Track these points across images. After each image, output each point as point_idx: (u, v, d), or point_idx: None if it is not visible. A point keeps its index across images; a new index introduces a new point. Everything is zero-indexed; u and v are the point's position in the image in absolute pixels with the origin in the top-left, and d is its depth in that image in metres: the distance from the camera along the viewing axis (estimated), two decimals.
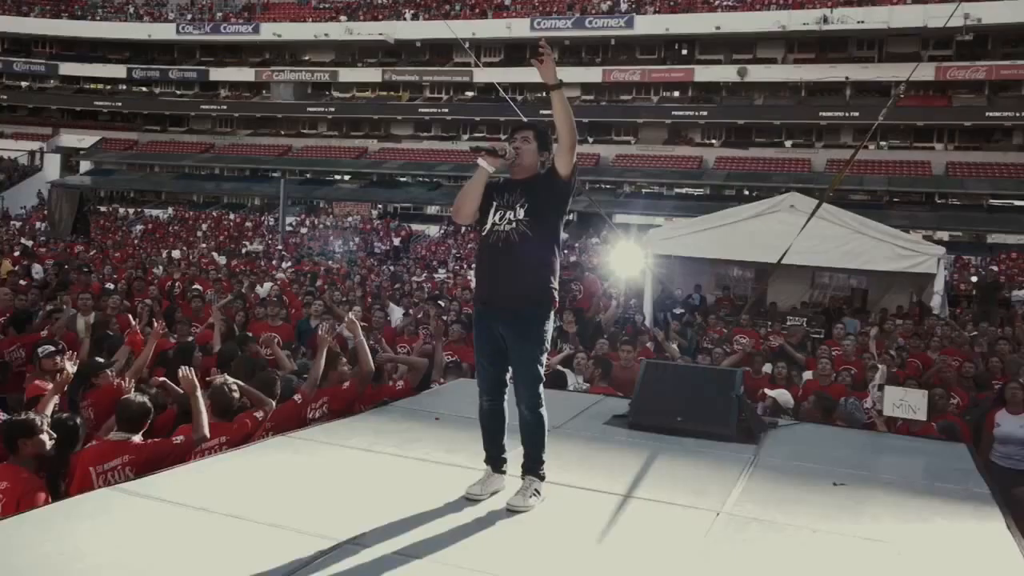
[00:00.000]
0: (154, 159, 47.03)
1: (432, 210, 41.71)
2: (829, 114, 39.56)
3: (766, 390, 6.88)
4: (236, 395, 5.07)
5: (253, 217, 40.31)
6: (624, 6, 42.56)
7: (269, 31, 46.04)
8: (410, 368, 6.76)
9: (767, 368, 8.66)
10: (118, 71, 48.07)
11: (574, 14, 42.91)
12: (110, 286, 12.25)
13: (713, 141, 42.44)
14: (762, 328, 12.25)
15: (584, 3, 43.80)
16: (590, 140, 43.58)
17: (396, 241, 35.46)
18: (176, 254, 23.49)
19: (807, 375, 8.51)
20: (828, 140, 40.37)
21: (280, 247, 29.58)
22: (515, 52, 43.73)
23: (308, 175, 45.29)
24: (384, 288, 14.41)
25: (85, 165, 46.60)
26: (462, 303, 12.37)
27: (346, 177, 45.54)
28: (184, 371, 4.85)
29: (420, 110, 44.85)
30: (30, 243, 22.43)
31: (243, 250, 29.03)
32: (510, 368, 3.85)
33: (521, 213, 3.68)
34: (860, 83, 39.10)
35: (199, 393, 4.79)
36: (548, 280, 3.73)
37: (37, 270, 14.77)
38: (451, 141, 44.82)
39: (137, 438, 4.52)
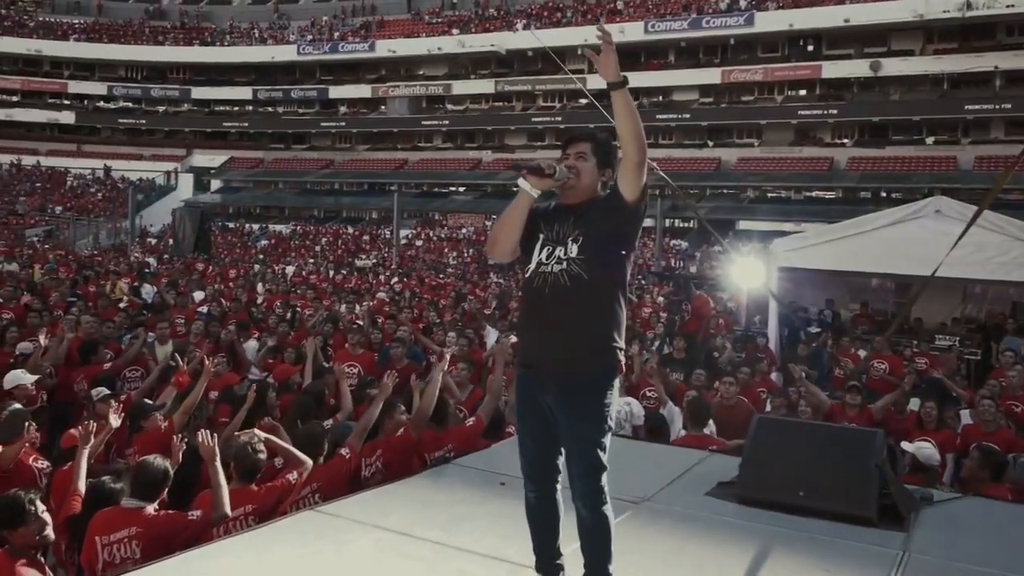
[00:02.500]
0: (278, 176, 48.35)
1: None
2: (976, 107, 36.25)
3: (904, 444, 5.56)
4: (263, 456, 4.36)
5: (370, 230, 40.69)
6: (743, 3, 40.58)
7: (384, 48, 46.57)
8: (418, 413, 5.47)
9: (913, 403, 7.28)
10: (244, 93, 49.67)
11: (690, 14, 41.26)
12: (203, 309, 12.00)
13: (845, 141, 39.83)
14: (907, 348, 10.72)
15: (700, 3, 42.10)
16: (710, 144, 41.90)
17: None
18: (290, 270, 23.60)
19: (965, 415, 7.08)
20: (976, 136, 37.05)
21: (396, 260, 29.45)
22: (629, 57, 42.57)
23: (423, 188, 45.47)
24: (482, 308, 13.58)
25: (215, 183, 48.41)
26: None
27: (461, 189, 45.46)
28: (203, 436, 4.13)
29: (533, 119, 44.29)
30: (154, 262, 22.95)
31: (357, 263, 29.04)
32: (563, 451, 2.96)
33: (574, 249, 2.89)
34: (1011, 72, 35.70)
35: (218, 463, 4.06)
36: (610, 336, 2.91)
37: (148, 291, 14.82)
38: None
39: (151, 508, 3.90)
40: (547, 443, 3.00)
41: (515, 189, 2.96)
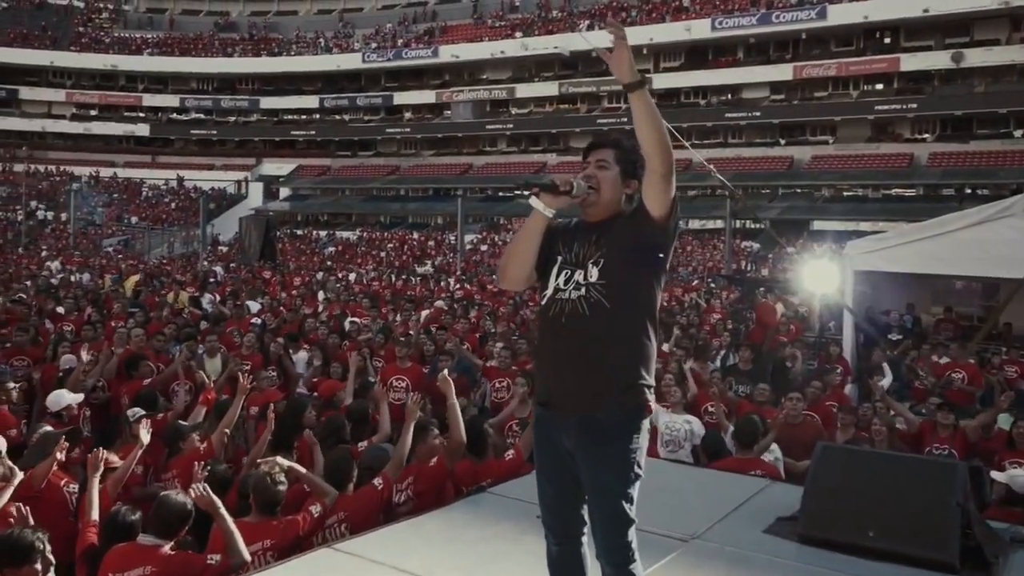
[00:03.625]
0: (345, 183, 48.85)
1: None
2: None
3: (994, 473, 4.91)
4: (283, 487, 4.09)
5: (435, 236, 40.72)
6: None
7: (448, 53, 46.62)
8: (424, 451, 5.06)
9: (1002, 420, 6.60)
10: (311, 102, 50.31)
11: (759, 10, 40.08)
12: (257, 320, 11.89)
13: (925, 136, 38.16)
14: (995, 356, 9.92)
15: None
16: (782, 142, 40.67)
17: None
18: (352, 277, 23.61)
19: None
20: None
21: (460, 265, 29.28)
22: (696, 55, 41.79)
23: (488, 192, 45.36)
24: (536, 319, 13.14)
25: (284, 191, 49.17)
26: None
27: (525, 193, 44.95)
28: (197, 489, 3.81)
29: (599, 121, 43.66)
30: (221, 271, 23.23)
31: (417, 269, 28.96)
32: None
33: (594, 273, 2.59)
34: None
35: (223, 512, 3.79)
36: (635, 372, 2.58)
37: (208, 300, 14.86)
38: None
39: (168, 547, 3.69)
40: (568, 490, 2.64)
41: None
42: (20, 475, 4.18)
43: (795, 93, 40.52)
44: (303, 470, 4.45)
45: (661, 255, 2.62)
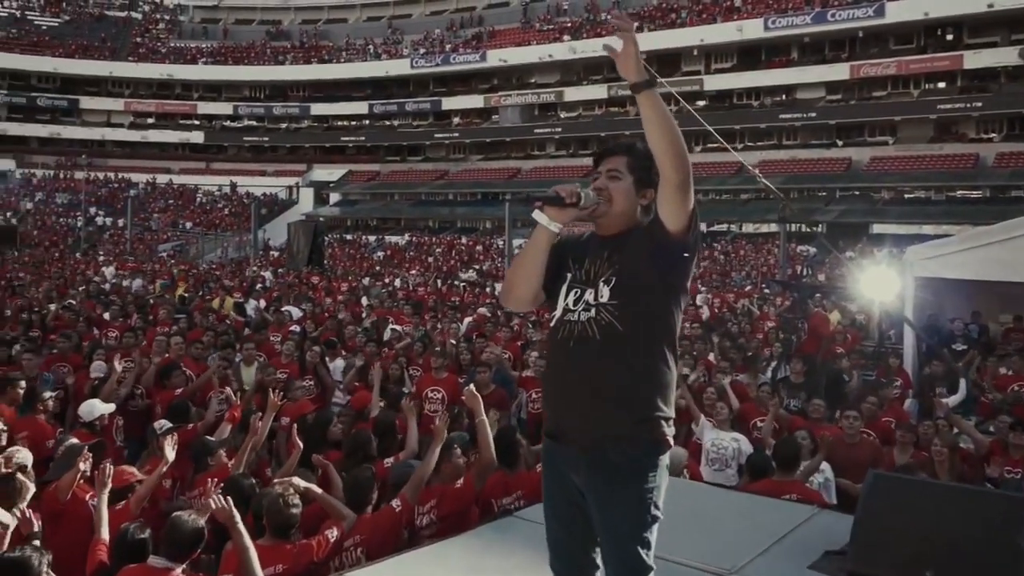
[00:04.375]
0: (394, 188, 49.02)
1: None
2: None
3: None
4: (296, 510, 3.93)
5: (484, 240, 40.60)
6: None
7: (496, 57, 46.51)
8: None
9: None
10: (361, 108, 50.54)
11: (813, 8, 39.10)
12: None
13: (992, 135, 36.81)
14: None
15: None
16: (839, 143, 39.66)
17: None
18: (399, 283, 23.54)
19: None
20: None
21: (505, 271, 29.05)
22: (748, 56, 40.95)
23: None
24: None
25: (334, 197, 49.57)
26: (691, 338, 10.52)
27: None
28: (216, 499, 3.64)
29: None
30: (270, 276, 23.33)
31: (461, 275, 28.79)
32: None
33: (605, 293, 2.40)
34: None
35: (241, 527, 3.62)
36: (650, 403, 2.37)
37: (253, 306, 14.83)
38: None
39: (179, 571, 3.54)
40: (580, 531, 2.41)
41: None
42: (32, 489, 4.10)
43: (852, 93, 39.42)
44: (319, 491, 4.26)
45: (680, 273, 2.41)
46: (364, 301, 15.73)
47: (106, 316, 12.07)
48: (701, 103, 42.29)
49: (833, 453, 5.45)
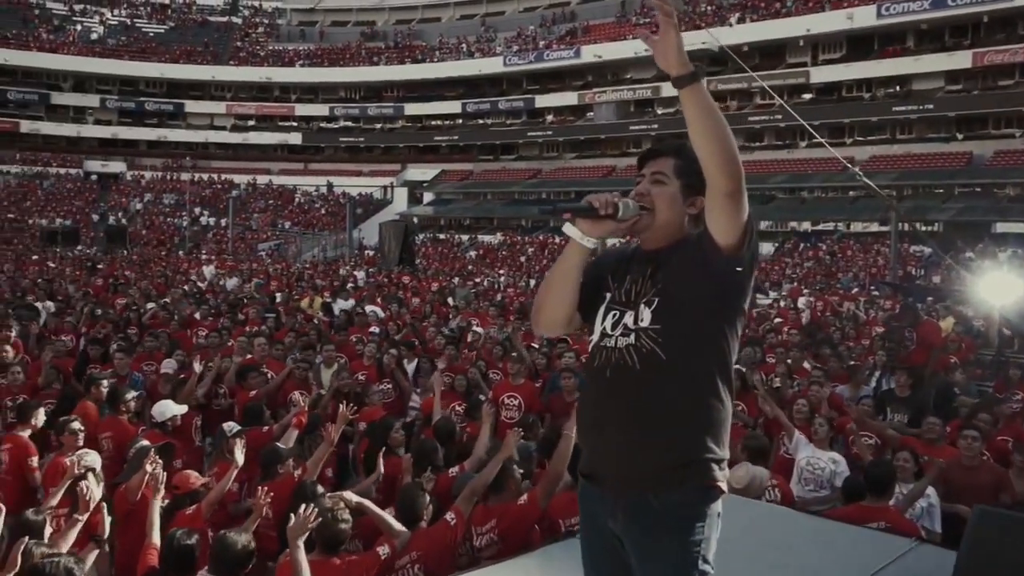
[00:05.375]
0: (487, 187, 48.94)
1: (764, 225, 38.50)
2: None
3: None
4: (346, 525, 3.85)
5: None
6: None
7: (590, 54, 45.84)
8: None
9: None
10: (454, 107, 50.67)
11: None
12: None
13: None
14: None
15: None
16: (959, 136, 37.28)
17: None
18: (488, 283, 23.20)
19: None
20: None
21: None
22: (859, 45, 38.90)
23: None
24: None
25: (428, 196, 49.87)
26: (787, 345, 9.76)
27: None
28: (299, 516, 3.57)
29: (750, 119, 41.72)
30: (363, 276, 23.37)
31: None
32: None
33: (647, 316, 2.15)
34: None
35: (301, 544, 3.55)
36: (698, 444, 2.12)
37: (341, 305, 14.67)
38: (786, 150, 41.22)
39: None
40: None
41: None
42: (97, 495, 3.94)
43: (975, 83, 36.92)
44: (371, 506, 4.16)
45: (733, 292, 2.13)
46: (450, 302, 15.43)
47: (197, 315, 12.06)
48: (807, 96, 40.76)
49: (948, 478, 4.89)
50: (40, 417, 5.75)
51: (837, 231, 36.39)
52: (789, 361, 8.38)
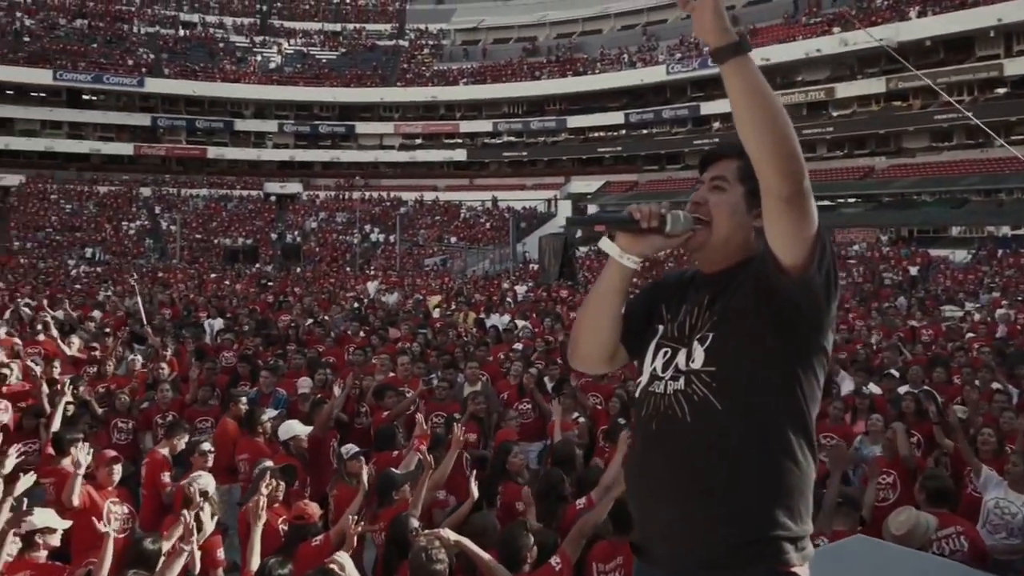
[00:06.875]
0: (652, 197, 47.64)
1: (955, 231, 35.83)
2: None
3: None
4: (440, 567, 3.54)
5: None
6: None
7: (757, 57, 43.29)
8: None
9: None
10: (617, 118, 50.17)
11: None
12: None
13: None
14: None
15: None
16: None
17: (912, 270, 30.34)
18: None
19: None
20: None
21: None
22: None
23: None
24: (852, 345, 10.94)
25: (592, 208, 49.43)
26: (977, 364, 8.69)
27: (850, 200, 41.38)
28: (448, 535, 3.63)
29: (936, 117, 38.60)
30: (522, 290, 23.31)
31: None
32: None
33: (699, 356, 1.76)
34: None
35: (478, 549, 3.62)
36: (768, 515, 1.69)
37: (495, 322, 14.56)
38: (979, 149, 37.75)
39: None
40: None
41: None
42: (207, 523, 4.23)
43: None
44: (471, 545, 3.80)
45: (806, 326, 1.71)
46: None
47: (348, 332, 12.26)
48: (1001, 91, 37.33)
49: None
50: (183, 439, 5.85)
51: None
52: (977, 383, 7.49)
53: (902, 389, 7.54)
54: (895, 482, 5.41)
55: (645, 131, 50.16)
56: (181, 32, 56.84)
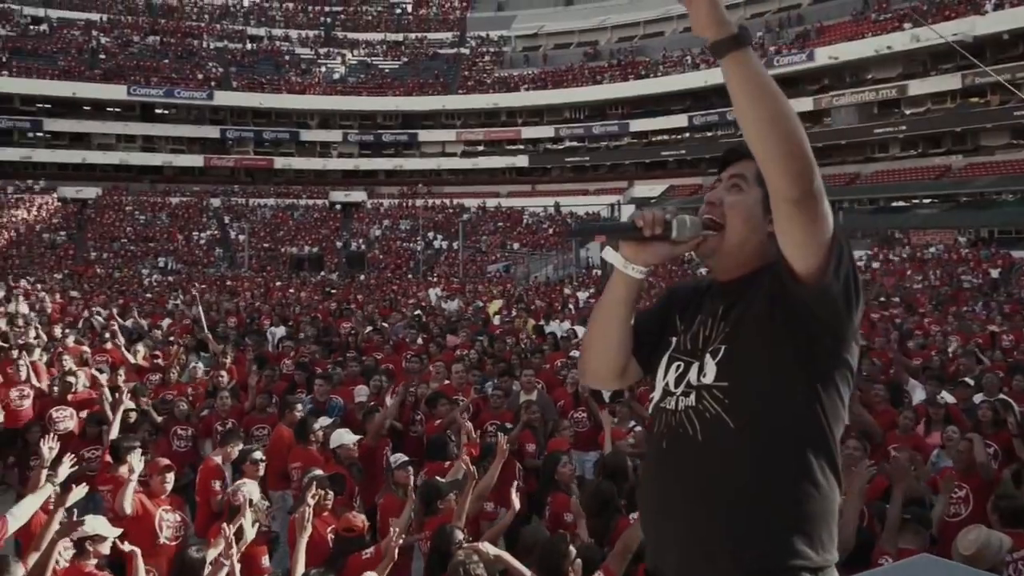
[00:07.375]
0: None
1: None
2: None
3: None
4: None
5: None
6: None
7: (824, 55, 42.98)
8: None
9: None
10: (680, 121, 49.54)
11: None
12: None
13: None
14: None
15: None
16: None
17: (993, 273, 29.15)
18: None
19: None
20: None
21: None
22: None
23: (879, 203, 40.89)
24: (926, 352, 10.51)
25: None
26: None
27: (925, 201, 40.04)
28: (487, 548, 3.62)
29: (1015, 114, 37.09)
30: (583, 296, 23.14)
31: None
32: None
33: (711, 370, 1.65)
34: None
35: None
36: (785, 543, 1.54)
37: (555, 328, 14.43)
38: None
39: None
40: None
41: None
42: (247, 532, 4.25)
43: None
44: (512, 560, 3.76)
45: (825, 338, 1.58)
46: None
47: (407, 339, 12.27)
48: None
49: None
50: (237, 447, 5.89)
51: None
52: None
53: (978, 398, 7.17)
54: (967, 496, 5.10)
55: (709, 133, 49.24)
56: (248, 46, 58.21)
